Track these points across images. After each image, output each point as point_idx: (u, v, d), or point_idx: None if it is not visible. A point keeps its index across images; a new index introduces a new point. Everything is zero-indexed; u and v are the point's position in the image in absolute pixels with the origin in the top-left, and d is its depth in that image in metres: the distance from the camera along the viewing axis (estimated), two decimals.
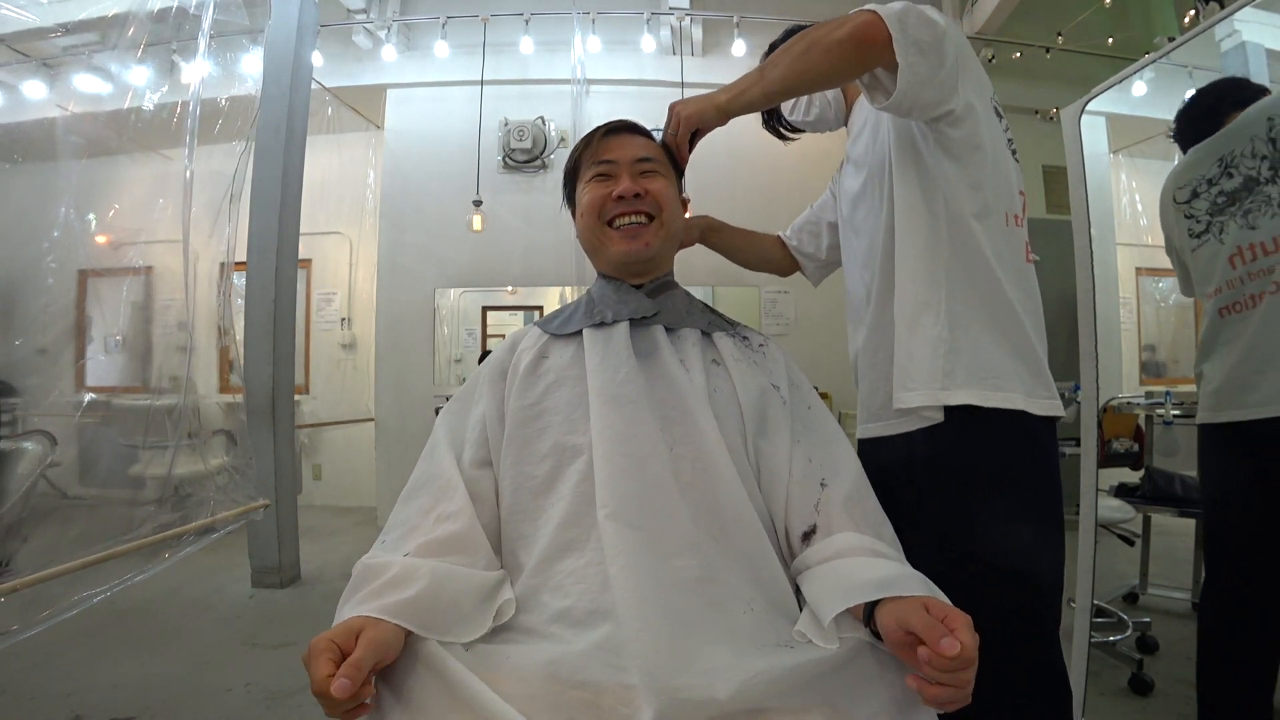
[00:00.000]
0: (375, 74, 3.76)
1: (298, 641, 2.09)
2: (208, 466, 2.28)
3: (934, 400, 0.83)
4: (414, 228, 3.72)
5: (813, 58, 0.79)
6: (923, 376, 0.84)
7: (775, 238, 1.27)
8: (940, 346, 0.83)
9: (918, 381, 0.84)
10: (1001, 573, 0.79)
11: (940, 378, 0.82)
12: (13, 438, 2.32)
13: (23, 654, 1.77)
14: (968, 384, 0.82)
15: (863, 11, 0.78)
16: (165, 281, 2.47)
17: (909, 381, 0.85)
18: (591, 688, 0.57)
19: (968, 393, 0.81)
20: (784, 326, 3.69)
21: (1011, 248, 0.87)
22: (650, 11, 3.56)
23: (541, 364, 0.82)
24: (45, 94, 2.83)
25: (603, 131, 0.89)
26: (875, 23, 0.76)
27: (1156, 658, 1.87)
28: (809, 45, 0.79)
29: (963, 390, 0.82)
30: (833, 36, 0.78)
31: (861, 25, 0.76)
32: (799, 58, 0.80)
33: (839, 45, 0.78)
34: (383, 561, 0.66)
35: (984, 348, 0.83)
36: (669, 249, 0.90)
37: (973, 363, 0.82)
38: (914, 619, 0.55)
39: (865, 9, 0.78)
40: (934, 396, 0.82)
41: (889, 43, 0.75)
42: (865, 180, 0.96)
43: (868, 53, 0.77)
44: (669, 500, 0.69)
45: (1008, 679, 0.71)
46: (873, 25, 0.76)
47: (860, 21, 0.77)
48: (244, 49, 2.54)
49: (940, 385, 0.82)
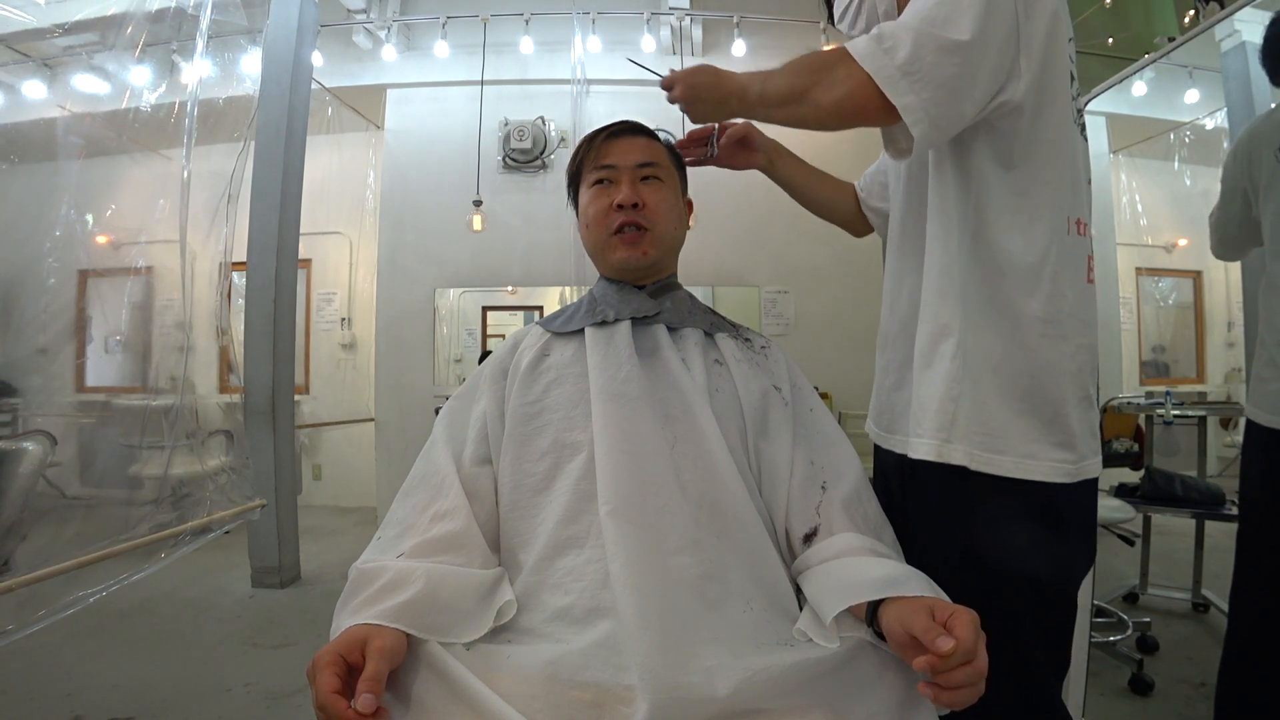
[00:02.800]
0: (375, 74, 3.76)
1: (298, 641, 2.09)
2: (205, 467, 2.27)
3: (937, 455, 0.71)
4: (414, 228, 3.72)
5: (805, 113, 0.70)
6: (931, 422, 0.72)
7: (851, 186, 1.09)
8: (953, 388, 0.71)
9: (926, 427, 0.72)
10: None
11: (948, 426, 0.71)
12: (13, 438, 2.32)
13: (22, 654, 1.77)
14: (965, 438, 0.70)
15: (851, 64, 0.65)
16: (165, 281, 2.47)
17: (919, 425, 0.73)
18: (592, 688, 0.57)
19: (962, 449, 0.70)
20: (784, 326, 3.69)
21: (1069, 264, 0.71)
22: (650, 11, 3.56)
23: (542, 362, 0.82)
24: (45, 94, 2.83)
25: (606, 134, 0.88)
26: (864, 87, 0.65)
27: (1156, 658, 1.87)
28: (801, 95, 0.69)
29: (960, 445, 0.70)
30: (821, 100, 0.68)
31: (850, 94, 0.66)
32: (789, 104, 0.71)
33: (830, 113, 0.68)
34: (377, 566, 0.66)
35: (988, 396, 0.71)
36: (669, 256, 0.90)
37: (974, 413, 0.70)
38: (915, 622, 0.55)
39: (857, 55, 0.65)
40: (937, 450, 0.71)
41: (886, 108, 0.64)
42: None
43: (863, 120, 0.68)
44: (670, 498, 0.69)
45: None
46: (861, 92, 0.65)
47: (849, 88, 0.65)
48: (242, 49, 2.54)
49: (944, 436, 0.71)
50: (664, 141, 0.92)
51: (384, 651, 0.56)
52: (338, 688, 0.53)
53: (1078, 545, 0.75)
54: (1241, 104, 3.07)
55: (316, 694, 0.53)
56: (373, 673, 0.54)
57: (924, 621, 0.55)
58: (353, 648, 0.57)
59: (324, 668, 0.54)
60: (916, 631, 0.54)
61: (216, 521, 2.08)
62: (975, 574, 0.68)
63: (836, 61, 0.67)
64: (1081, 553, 0.76)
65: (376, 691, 0.52)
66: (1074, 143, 0.73)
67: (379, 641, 0.57)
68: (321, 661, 0.55)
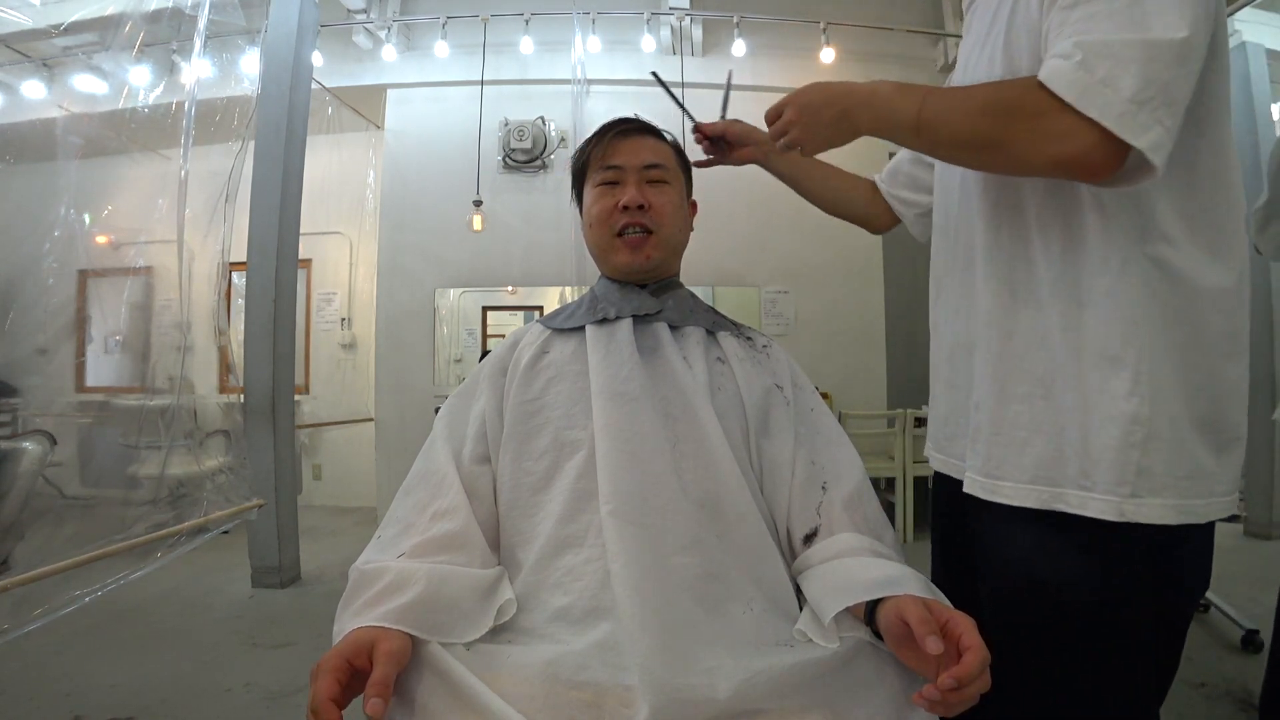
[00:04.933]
0: (375, 74, 3.76)
1: (298, 641, 2.09)
2: (203, 467, 2.27)
3: (1119, 515, 0.59)
4: (414, 228, 3.72)
5: (997, 162, 0.60)
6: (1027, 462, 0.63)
7: (867, 181, 1.01)
8: (1133, 431, 0.59)
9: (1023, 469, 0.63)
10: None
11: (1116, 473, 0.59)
12: (12, 437, 2.32)
13: (22, 654, 1.77)
14: (1165, 489, 0.59)
15: (1063, 111, 0.53)
16: (164, 281, 2.47)
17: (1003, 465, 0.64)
18: (592, 688, 0.57)
19: (1162, 504, 0.59)
20: (784, 326, 3.69)
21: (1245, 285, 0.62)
22: (650, 11, 3.56)
23: (542, 359, 0.82)
24: (44, 94, 2.83)
25: (613, 133, 0.87)
26: (1093, 139, 0.52)
27: None
28: (993, 144, 0.58)
29: (1155, 500, 0.59)
30: (1030, 157, 0.56)
31: (1081, 152, 0.53)
32: (971, 152, 0.61)
33: (1043, 169, 0.57)
34: (378, 567, 0.65)
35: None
36: (672, 258, 0.90)
37: (1171, 456, 0.59)
38: (911, 613, 0.55)
39: (1068, 95, 0.52)
40: (1119, 509, 0.59)
41: (1120, 154, 0.52)
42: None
43: (1087, 179, 0.56)
44: (671, 496, 0.69)
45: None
46: (1093, 148, 0.52)
47: (1076, 145, 0.53)
48: (241, 49, 2.54)
49: (1128, 491, 0.59)
50: (671, 141, 0.91)
51: (391, 655, 0.56)
52: (336, 694, 0.53)
53: (1196, 585, 0.67)
54: (1241, 103, 3.07)
55: (313, 696, 0.53)
56: (381, 677, 0.53)
57: (919, 612, 0.54)
58: (359, 651, 0.57)
59: (327, 672, 0.54)
60: (911, 620, 0.54)
61: (214, 521, 2.08)
62: (1063, 618, 0.62)
63: (1041, 106, 0.54)
64: (1197, 584, 0.67)
65: (385, 696, 0.52)
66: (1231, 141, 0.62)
67: (386, 645, 0.57)
68: (326, 665, 0.55)
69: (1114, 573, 0.61)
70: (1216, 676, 1.72)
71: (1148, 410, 0.58)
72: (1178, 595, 0.65)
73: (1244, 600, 2.06)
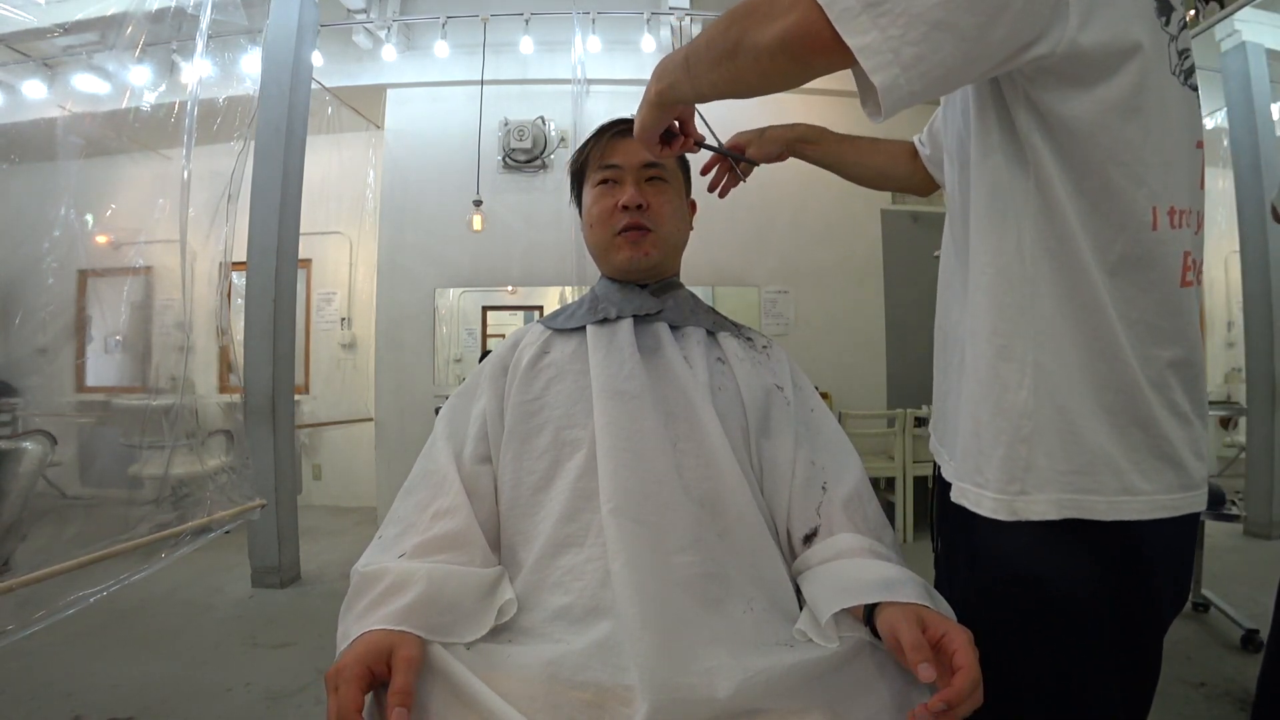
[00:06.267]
0: (375, 74, 3.76)
1: (298, 641, 2.09)
2: (205, 467, 2.28)
3: (1009, 513, 0.57)
4: (414, 228, 3.72)
5: (741, 67, 0.55)
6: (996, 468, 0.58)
7: (906, 145, 0.94)
8: (1025, 424, 0.56)
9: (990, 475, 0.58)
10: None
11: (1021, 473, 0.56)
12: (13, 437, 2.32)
13: (22, 654, 1.77)
14: (1049, 484, 0.55)
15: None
16: (165, 281, 2.47)
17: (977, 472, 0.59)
18: (592, 688, 0.57)
19: (1045, 500, 0.55)
20: (784, 326, 3.69)
21: (1153, 264, 0.56)
22: (650, 11, 3.56)
23: (542, 359, 0.82)
24: (45, 94, 2.83)
25: (612, 133, 0.88)
26: (809, 19, 0.48)
27: None
28: (734, 46, 0.54)
29: (1040, 496, 0.55)
30: (758, 41, 0.51)
31: (796, 24, 0.49)
32: (724, 63, 0.56)
33: (771, 55, 0.51)
34: (378, 569, 0.65)
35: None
36: (672, 257, 0.90)
37: (1057, 449, 0.55)
38: (904, 634, 0.55)
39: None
40: (1010, 507, 0.56)
41: (838, 45, 0.48)
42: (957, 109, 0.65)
43: (818, 58, 0.50)
44: (672, 495, 0.69)
45: None
46: (809, 19, 0.48)
47: (794, 17, 0.49)
48: (242, 49, 2.54)
49: (1018, 489, 0.56)
50: None
51: (411, 662, 0.56)
52: (361, 705, 0.53)
53: (1164, 587, 0.60)
54: (1241, 103, 3.08)
55: (340, 706, 0.52)
56: (403, 686, 0.54)
57: (913, 636, 0.54)
58: (379, 658, 0.57)
59: (350, 680, 0.54)
60: (904, 644, 0.54)
61: (216, 521, 2.09)
62: (1028, 623, 0.59)
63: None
64: (1168, 597, 0.61)
65: (408, 705, 0.53)
66: (1164, 106, 0.54)
67: (405, 652, 0.57)
68: (348, 673, 0.55)
69: (1064, 571, 0.57)
70: (1216, 676, 1.72)
71: (1034, 402, 0.55)
72: (1143, 595, 0.59)
73: (1243, 600, 2.06)
